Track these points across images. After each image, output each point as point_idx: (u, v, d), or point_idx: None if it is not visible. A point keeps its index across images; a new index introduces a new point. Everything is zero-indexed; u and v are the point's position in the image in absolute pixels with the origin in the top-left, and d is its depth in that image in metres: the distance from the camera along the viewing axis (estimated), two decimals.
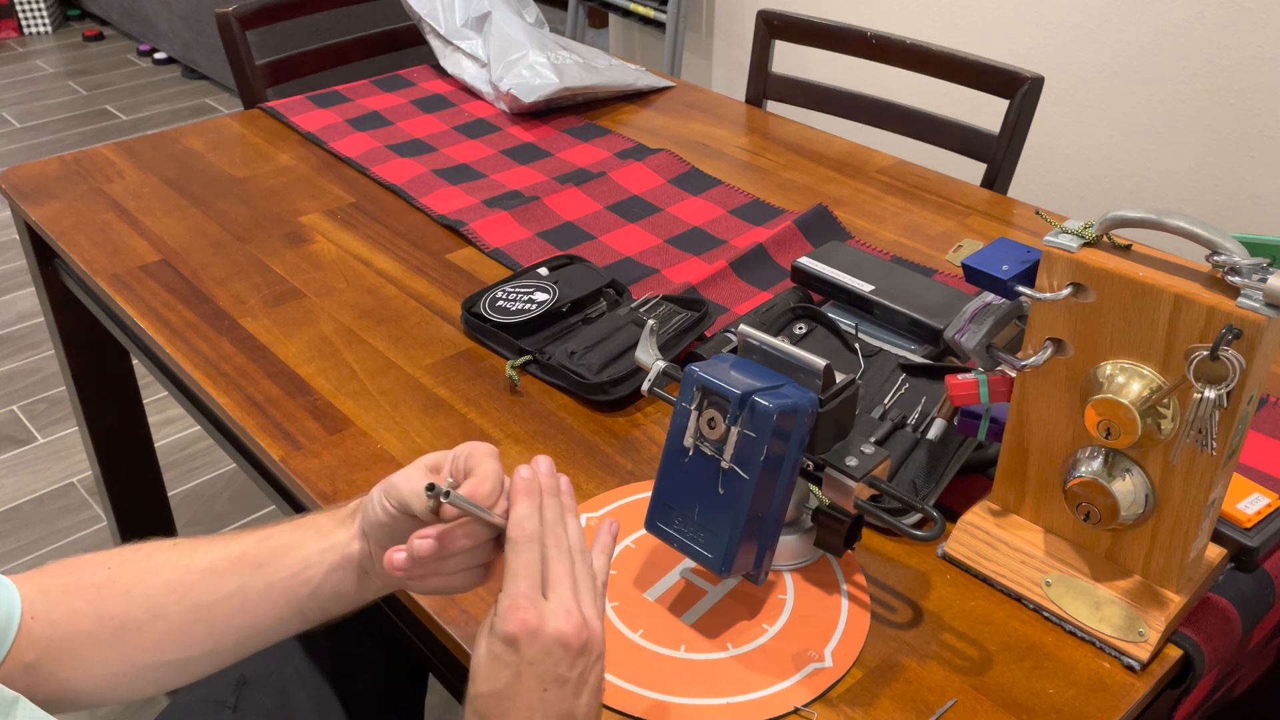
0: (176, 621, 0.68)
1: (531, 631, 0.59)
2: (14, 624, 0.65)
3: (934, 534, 0.73)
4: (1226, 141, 1.97)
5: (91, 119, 3.68)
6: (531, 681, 0.59)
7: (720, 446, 0.73)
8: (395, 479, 0.66)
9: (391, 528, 0.66)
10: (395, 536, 0.67)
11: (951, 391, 0.82)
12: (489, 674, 0.60)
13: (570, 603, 0.60)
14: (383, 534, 0.67)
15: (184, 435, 2.20)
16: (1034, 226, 1.34)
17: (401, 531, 0.66)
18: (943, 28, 2.35)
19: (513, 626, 0.59)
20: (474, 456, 0.66)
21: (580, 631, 0.60)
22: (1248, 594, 0.81)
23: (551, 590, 0.61)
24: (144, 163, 1.48)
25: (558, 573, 0.61)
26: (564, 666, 0.60)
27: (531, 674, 0.59)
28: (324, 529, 0.70)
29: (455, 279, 1.22)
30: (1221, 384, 0.67)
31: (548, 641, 0.59)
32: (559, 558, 0.62)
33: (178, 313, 1.15)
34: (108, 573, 0.69)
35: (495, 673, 0.60)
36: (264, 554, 0.70)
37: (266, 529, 0.72)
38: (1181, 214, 0.67)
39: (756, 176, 1.47)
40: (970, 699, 0.73)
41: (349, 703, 0.93)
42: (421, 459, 0.68)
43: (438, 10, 1.73)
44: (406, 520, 0.66)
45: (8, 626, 0.65)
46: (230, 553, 0.70)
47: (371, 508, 0.67)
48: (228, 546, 0.71)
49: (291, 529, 0.71)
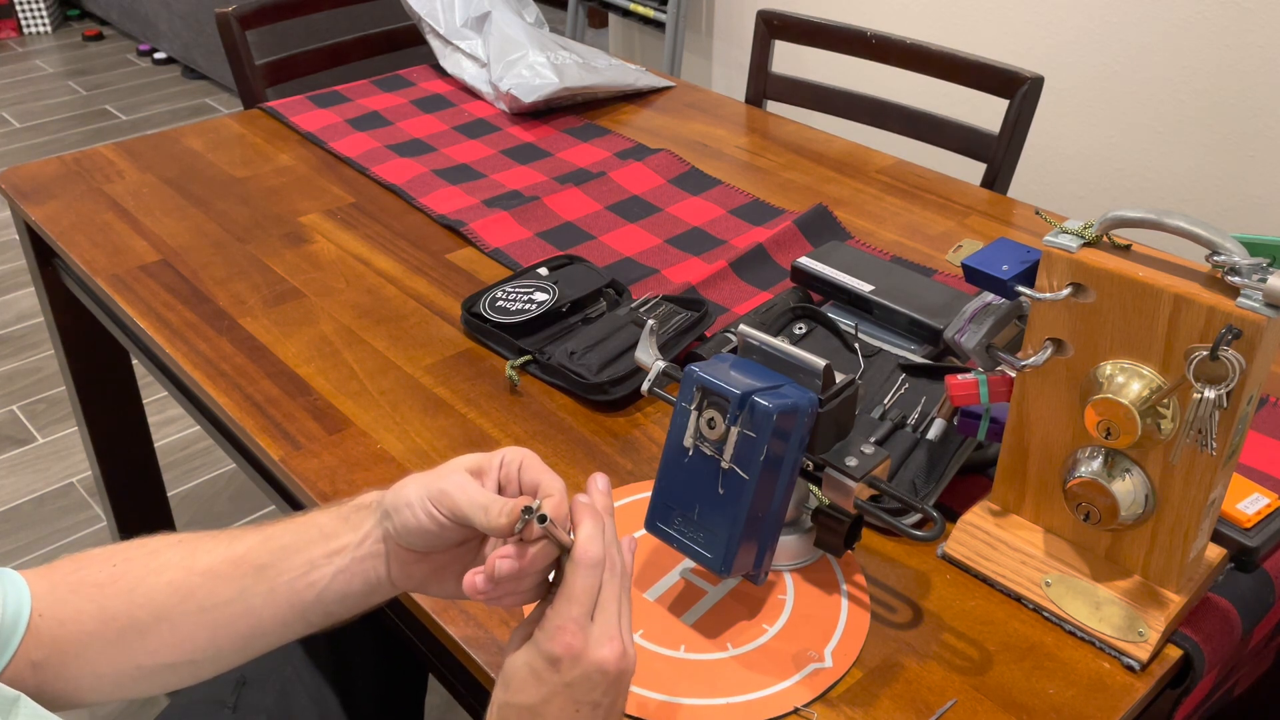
0: (180, 624, 0.68)
1: (575, 655, 0.59)
2: (23, 620, 0.65)
3: (934, 534, 0.73)
4: (1226, 141, 1.97)
5: (91, 119, 3.68)
6: (566, 702, 0.59)
7: (720, 446, 0.73)
8: (447, 488, 0.63)
9: (436, 535, 0.64)
10: (434, 543, 0.65)
11: (951, 391, 0.82)
12: (523, 686, 0.60)
13: (615, 629, 0.60)
14: (419, 540, 0.65)
15: (184, 435, 2.20)
16: (1034, 226, 1.34)
17: (445, 539, 0.65)
18: (943, 28, 2.35)
19: (558, 648, 0.59)
20: (531, 469, 0.65)
21: (621, 660, 0.60)
22: (1248, 594, 0.81)
23: (600, 614, 0.60)
24: (144, 163, 1.48)
25: (607, 596, 0.61)
26: (599, 692, 0.60)
27: (568, 695, 0.59)
28: (328, 530, 0.69)
29: (455, 279, 1.22)
30: (1221, 384, 0.67)
31: (589, 667, 0.59)
32: (611, 580, 0.61)
33: (178, 313, 1.15)
34: (112, 570, 0.68)
35: (531, 687, 0.60)
36: (266, 556, 0.68)
37: (267, 528, 0.70)
38: (1181, 214, 0.67)
39: (756, 176, 1.47)
40: (970, 699, 0.73)
41: (349, 703, 0.93)
42: (458, 462, 0.66)
43: (438, 10, 1.73)
44: (455, 529, 0.64)
45: (16, 622, 0.65)
46: (232, 554, 0.69)
47: (409, 513, 0.64)
48: (229, 546, 0.69)
49: (293, 529, 0.69)
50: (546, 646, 0.59)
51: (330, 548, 0.67)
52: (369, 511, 0.68)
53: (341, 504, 0.70)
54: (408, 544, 0.66)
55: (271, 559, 0.68)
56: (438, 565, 0.68)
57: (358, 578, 0.67)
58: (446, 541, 0.65)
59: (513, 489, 0.65)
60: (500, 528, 0.61)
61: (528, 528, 0.60)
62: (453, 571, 0.68)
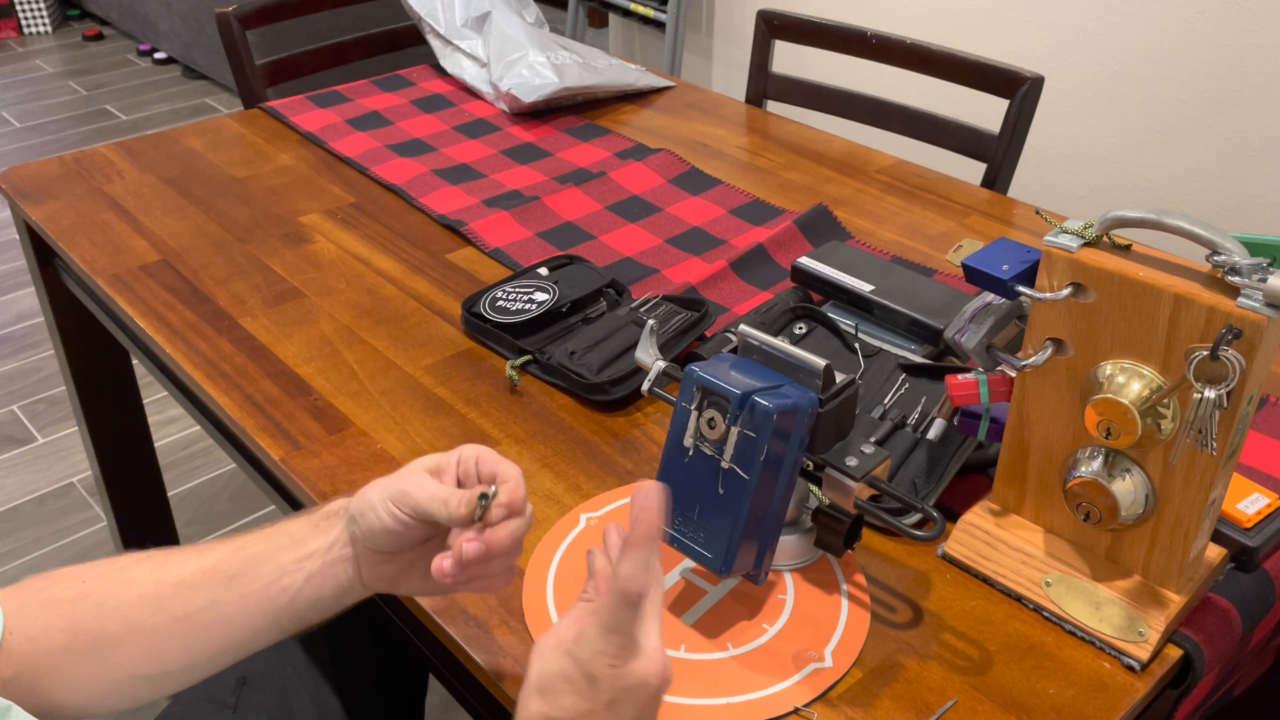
0: (152, 635, 0.68)
1: (617, 675, 0.58)
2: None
3: (934, 534, 0.73)
4: (1226, 141, 1.97)
5: (91, 119, 3.69)
6: (606, 714, 0.59)
7: (720, 446, 0.73)
8: (406, 488, 0.66)
9: (400, 535, 0.67)
10: (400, 543, 0.67)
11: (951, 391, 0.82)
12: (560, 698, 0.59)
13: (655, 645, 0.60)
14: (384, 541, 0.67)
15: (184, 435, 2.20)
16: (1034, 226, 1.34)
17: (410, 538, 0.67)
18: (943, 28, 2.35)
19: (599, 670, 0.58)
20: (488, 461, 0.67)
21: (662, 675, 0.60)
22: (1248, 594, 0.81)
23: (642, 635, 0.60)
24: (144, 163, 1.48)
25: (649, 614, 0.61)
26: (640, 707, 0.59)
27: (609, 712, 0.59)
28: (298, 536, 0.70)
29: (455, 279, 1.22)
30: (1221, 384, 0.67)
31: (632, 683, 0.59)
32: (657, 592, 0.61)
33: (178, 313, 1.15)
34: (81, 586, 0.69)
35: (568, 699, 0.59)
36: (237, 565, 0.69)
37: (239, 539, 0.71)
38: (1181, 214, 0.67)
39: (756, 176, 1.47)
40: (970, 699, 0.73)
41: (349, 703, 0.93)
42: (418, 463, 0.69)
43: (438, 10, 1.73)
44: (418, 527, 0.66)
45: None
46: (203, 565, 0.70)
47: (373, 515, 0.66)
48: (200, 558, 0.70)
49: (264, 539, 0.71)
50: (588, 667, 0.58)
51: (300, 553, 0.69)
52: (337, 518, 0.70)
53: (311, 512, 0.72)
54: (375, 546, 0.68)
55: (243, 567, 0.69)
56: (405, 564, 0.70)
57: (329, 581, 0.69)
58: (411, 540, 0.68)
59: (471, 482, 0.67)
60: (461, 517, 0.64)
61: (487, 513, 0.64)
62: (420, 569, 0.70)
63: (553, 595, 0.80)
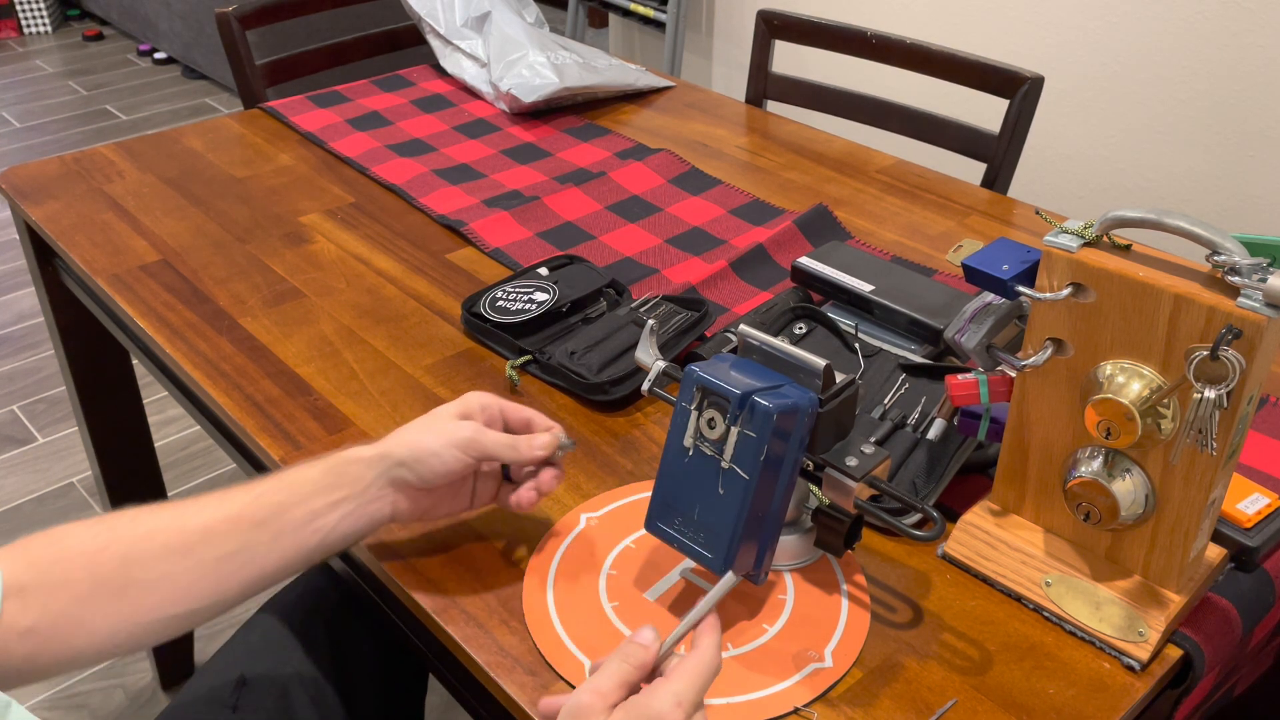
0: (181, 579, 0.71)
1: None
2: None
3: (934, 534, 0.73)
4: (1226, 141, 1.97)
5: (91, 119, 3.69)
6: None
7: (720, 446, 0.73)
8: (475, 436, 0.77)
9: (459, 473, 0.78)
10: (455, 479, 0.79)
11: (951, 391, 0.82)
12: None
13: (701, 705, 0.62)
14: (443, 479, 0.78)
15: (184, 435, 2.20)
16: (1034, 226, 1.34)
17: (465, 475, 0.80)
18: (943, 28, 2.35)
19: None
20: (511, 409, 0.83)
21: None
22: (1248, 594, 0.81)
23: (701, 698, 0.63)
24: (144, 163, 1.48)
25: None
26: None
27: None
28: (323, 484, 0.76)
29: (455, 279, 1.22)
30: (1221, 384, 0.67)
31: None
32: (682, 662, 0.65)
33: (178, 313, 1.15)
34: (97, 540, 0.71)
35: None
36: (263, 512, 0.74)
37: (253, 487, 0.75)
38: (1181, 214, 0.67)
39: (756, 176, 1.47)
40: (970, 699, 0.73)
41: (349, 703, 0.93)
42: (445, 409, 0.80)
43: (438, 10, 1.73)
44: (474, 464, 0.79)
45: None
46: (225, 513, 0.73)
47: (436, 461, 0.77)
48: (219, 507, 0.74)
49: (282, 488, 0.75)
50: None
51: (332, 499, 0.76)
52: (364, 465, 0.78)
53: (322, 459, 0.78)
54: (432, 484, 0.79)
55: (269, 514, 0.74)
56: (440, 495, 0.82)
57: (363, 519, 0.77)
58: (462, 475, 0.80)
59: (499, 426, 0.82)
60: (536, 459, 0.80)
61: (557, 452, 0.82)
62: (446, 495, 0.82)
63: (553, 595, 0.80)
